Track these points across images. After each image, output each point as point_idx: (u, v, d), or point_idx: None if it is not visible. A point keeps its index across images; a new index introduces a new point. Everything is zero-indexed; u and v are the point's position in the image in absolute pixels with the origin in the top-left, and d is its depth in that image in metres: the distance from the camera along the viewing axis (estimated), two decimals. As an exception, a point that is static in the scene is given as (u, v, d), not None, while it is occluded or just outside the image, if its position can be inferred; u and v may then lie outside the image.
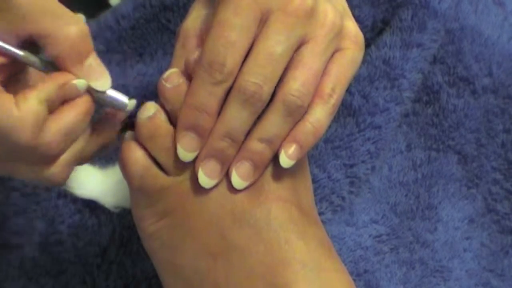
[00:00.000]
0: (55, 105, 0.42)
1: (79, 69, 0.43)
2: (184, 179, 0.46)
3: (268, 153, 0.45)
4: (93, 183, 0.56)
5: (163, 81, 0.45)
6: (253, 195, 0.45)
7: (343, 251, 0.55)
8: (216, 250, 0.45)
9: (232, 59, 0.43)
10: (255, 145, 0.44)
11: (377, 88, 0.58)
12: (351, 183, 0.58)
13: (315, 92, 0.45)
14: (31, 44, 0.42)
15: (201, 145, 0.44)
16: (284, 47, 0.43)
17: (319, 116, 0.45)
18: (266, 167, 0.45)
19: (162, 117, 0.46)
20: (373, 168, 0.59)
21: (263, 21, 0.44)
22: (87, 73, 0.43)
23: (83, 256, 0.56)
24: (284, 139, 0.45)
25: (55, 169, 0.44)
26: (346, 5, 0.49)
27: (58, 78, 0.42)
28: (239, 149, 0.45)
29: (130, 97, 0.46)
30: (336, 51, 0.46)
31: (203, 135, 0.44)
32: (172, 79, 0.45)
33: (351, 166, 0.58)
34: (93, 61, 0.43)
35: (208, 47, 0.43)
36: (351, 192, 0.58)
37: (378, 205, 0.58)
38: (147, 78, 0.47)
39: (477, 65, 0.60)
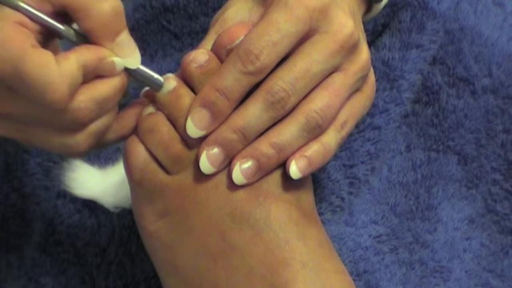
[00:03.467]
0: (89, 75, 0.42)
1: (109, 45, 0.43)
2: (183, 178, 0.46)
3: (275, 160, 0.45)
4: (93, 183, 0.56)
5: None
6: (253, 196, 0.45)
7: (343, 251, 0.55)
8: (216, 251, 0.45)
9: (267, 57, 0.43)
10: (266, 148, 0.45)
11: (376, 89, 0.58)
12: (351, 184, 0.58)
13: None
14: (63, 16, 0.43)
15: (210, 126, 0.44)
16: (321, 68, 0.44)
17: (330, 141, 0.46)
18: (267, 173, 0.46)
19: (162, 115, 0.46)
20: (372, 168, 0.59)
21: (307, 37, 0.45)
22: (117, 50, 0.43)
23: (82, 256, 0.56)
24: (293, 152, 0.45)
25: (80, 137, 0.43)
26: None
27: (97, 50, 0.43)
28: (248, 147, 0.45)
29: (132, 97, 0.46)
30: (356, 90, 0.48)
31: (216, 117, 0.44)
32: (166, 84, 0.45)
33: (351, 166, 0.58)
34: (125, 38, 0.44)
35: (249, 38, 0.44)
36: (350, 193, 0.58)
37: (377, 205, 0.58)
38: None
39: (476, 66, 0.60)
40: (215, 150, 0.44)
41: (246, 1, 0.48)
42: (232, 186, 0.45)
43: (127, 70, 0.44)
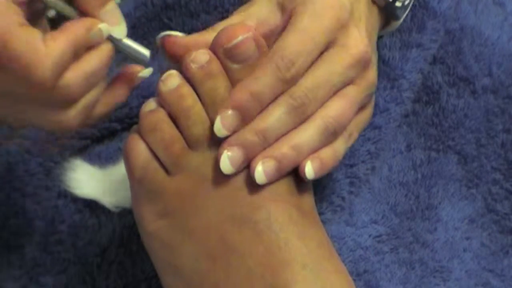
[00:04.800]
0: (81, 49, 0.42)
1: (97, 14, 0.43)
2: (183, 180, 0.46)
3: (294, 161, 0.45)
4: (93, 183, 0.56)
5: (160, 83, 0.46)
6: (253, 197, 0.45)
7: (343, 251, 0.55)
8: (216, 252, 0.45)
9: (301, 65, 0.45)
10: (287, 150, 0.45)
11: (377, 89, 0.58)
12: (351, 183, 0.58)
13: None
14: None
15: (237, 128, 0.45)
16: (339, 79, 0.46)
17: (340, 148, 0.47)
18: (284, 173, 0.46)
19: (164, 112, 0.46)
20: (373, 168, 0.59)
21: (326, 48, 0.46)
22: (105, 18, 0.43)
23: (83, 256, 0.56)
24: (309, 155, 0.46)
25: (71, 113, 0.43)
26: None
27: (85, 22, 0.43)
28: (270, 148, 0.45)
29: (131, 94, 0.46)
30: (361, 107, 0.49)
31: (245, 119, 0.45)
32: (169, 81, 0.45)
33: (351, 166, 0.58)
34: (113, 7, 0.44)
35: (285, 45, 0.45)
36: (351, 192, 0.58)
37: (378, 205, 0.58)
38: (148, 78, 0.47)
39: (477, 65, 0.60)
40: (236, 150, 0.45)
41: (269, 0, 0.48)
42: (232, 187, 0.45)
43: (113, 42, 0.44)
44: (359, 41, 0.46)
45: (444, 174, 0.60)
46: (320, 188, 0.57)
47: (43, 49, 0.40)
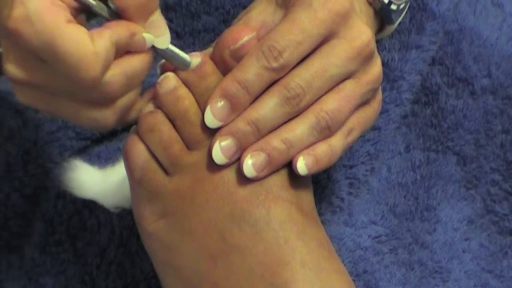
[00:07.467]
0: (120, 51, 0.42)
1: (142, 24, 0.43)
2: (182, 180, 0.46)
3: (285, 155, 0.45)
4: (93, 183, 0.56)
5: (157, 85, 0.46)
6: (253, 195, 0.45)
7: (343, 252, 0.55)
8: (216, 252, 0.45)
9: (290, 55, 0.44)
10: (277, 143, 0.45)
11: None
12: (351, 184, 0.58)
13: None
14: None
15: (227, 118, 0.45)
16: (337, 72, 0.45)
17: (337, 144, 0.46)
18: (276, 169, 0.46)
19: (162, 113, 0.46)
20: (372, 169, 0.59)
21: (326, 40, 0.45)
22: (149, 28, 0.44)
23: (82, 256, 0.56)
24: (302, 150, 0.46)
25: (108, 112, 0.43)
26: None
27: (130, 26, 0.43)
28: (260, 141, 0.45)
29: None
30: (364, 103, 0.48)
31: (235, 108, 0.45)
32: (166, 83, 0.46)
33: (351, 167, 0.58)
34: (157, 18, 0.44)
35: (274, 35, 0.44)
36: (350, 193, 0.58)
37: (377, 206, 0.58)
38: (148, 79, 0.47)
39: (476, 66, 0.60)
40: (228, 140, 0.45)
41: (269, 3, 0.48)
42: (232, 186, 0.45)
43: (156, 48, 0.44)
44: (362, 32, 0.46)
45: (443, 175, 0.60)
46: (320, 189, 0.57)
47: (91, 47, 0.40)
